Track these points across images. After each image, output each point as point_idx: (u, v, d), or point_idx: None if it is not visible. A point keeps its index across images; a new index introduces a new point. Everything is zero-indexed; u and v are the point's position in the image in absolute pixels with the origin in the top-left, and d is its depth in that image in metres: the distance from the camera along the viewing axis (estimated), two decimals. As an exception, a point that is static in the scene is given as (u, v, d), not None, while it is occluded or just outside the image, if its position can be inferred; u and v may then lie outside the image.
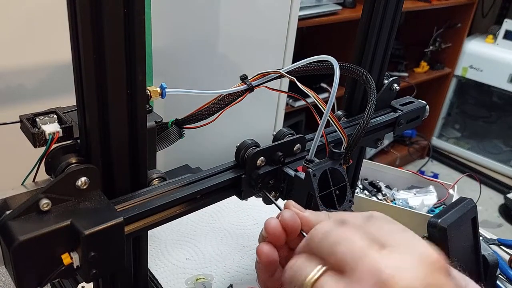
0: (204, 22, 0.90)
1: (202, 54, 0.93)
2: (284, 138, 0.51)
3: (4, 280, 0.67)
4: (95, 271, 0.36)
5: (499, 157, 2.58)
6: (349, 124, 0.59)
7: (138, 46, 0.36)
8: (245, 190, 0.49)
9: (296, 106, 1.70)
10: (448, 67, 2.51)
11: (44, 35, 0.70)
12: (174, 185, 0.44)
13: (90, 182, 0.37)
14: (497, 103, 2.56)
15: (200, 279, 0.69)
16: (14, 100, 0.71)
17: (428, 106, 0.68)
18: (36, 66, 0.72)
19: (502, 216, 2.33)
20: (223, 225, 0.83)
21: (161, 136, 0.51)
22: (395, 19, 0.60)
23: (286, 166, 0.50)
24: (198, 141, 1.00)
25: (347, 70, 0.57)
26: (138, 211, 0.40)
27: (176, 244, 0.77)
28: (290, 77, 0.51)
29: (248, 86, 0.51)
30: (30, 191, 0.39)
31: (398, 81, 0.64)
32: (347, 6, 1.78)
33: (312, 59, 0.50)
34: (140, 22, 0.35)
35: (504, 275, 0.77)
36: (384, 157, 2.48)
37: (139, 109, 0.39)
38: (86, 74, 0.35)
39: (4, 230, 0.33)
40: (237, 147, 0.48)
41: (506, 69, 2.33)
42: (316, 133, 0.47)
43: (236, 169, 0.48)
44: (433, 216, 0.68)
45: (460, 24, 2.39)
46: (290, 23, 1.04)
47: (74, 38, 0.34)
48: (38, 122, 0.41)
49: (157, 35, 0.80)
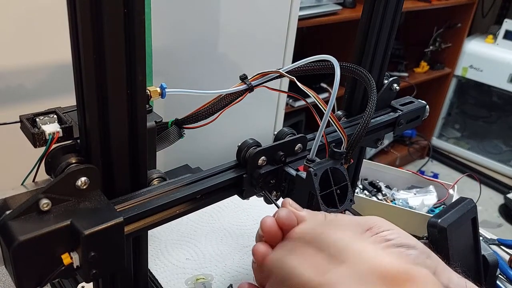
0: (204, 22, 0.90)
1: (202, 54, 0.93)
2: (285, 137, 0.51)
3: (4, 280, 0.67)
4: (95, 271, 0.36)
5: (499, 157, 2.58)
6: (349, 124, 0.59)
7: (138, 46, 0.36)
8: (246, 189, 0.49)
9: (296, 106, 1.70)
10: (448, 67, 2.51)
11: (44, 35, 0.70)
12: (174, 185, 0.44)
13: (90, 182, 0.37)
14: (497, 103, 2.56)
15: (200, 279, 0.69)
16: (14, 100, 0.71)
17: (428, 106, 0.68)
18: (36, 66, 0.72)
19: (502, 216, 2.33)
20: (223, 225, 0.83)
21: (161, 136, 0.51)
22: (395, 19, 0.60)
23: (287, 165, 0.50)
24: (198, 141, 1.00)
25: (348, 70, 0.57)
26: (138, 211, 0.40)
27: (176, 244, 0.77)
28: (290, 77, 0.51)
29: (248, 86, 0.51)
30: (30, 191, 0.39)
31: (398, 81, 0.64)
32: (347, 6, 1.78)
33: (312, 58, 0.50)
34: (140, 22, 0.35)
35: (504, 275, 0.76)
36: (384, 157, 2.48)
37: (139, 109, 0.39)
38: (86, 74, 0.35)
39: (4, 230, 0.33)
40: (238, 147, 0.48)
41: (506, 69, 2.33)
42: (317, 133, 0.47)
43: (238, 169, 0.48)
44: (433, 216, 0.68)
45: (460, 24, 2.39)
46: (290, 23, 1.04)
47: (74, 38, 0.34)
48: (38, 122, 0.41)
49: (157, 35, 0.80)
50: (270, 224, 0.38)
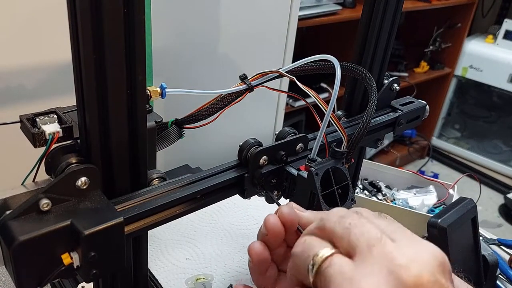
0: (204, 22, 0.90)
1: (202, 54, 0.93)
2: (287, 137, 0.51)
3: (4, 280, 0.67)
4: (95, 271, 0.36)
5: (499, 157, 2.58)
6: (349, 124, 0.59)
7: (138, 46, 0.36)
8: (248, 189, 0.49)
9: (296, 106, 1.70)
10: (448, 67, 2.51)
11: (44, 35, 0.70)
12: (174, 185, 0.44)
13: (90, 182, 0.37)
14: (497, 103, 2.56)
15: (200, 279, 0.69)
16: (14, 100, 0.71)
17: (428, 106, 0.68)
18: (36, 66, 0.72)
19: (502, 216, 2.33)
20: (223, 225, 0.83)
21: (161, 136, 0.51)
22: (395, 19, 0.60)
23: (288, 165, 0.50)
24: (198, 141, 1.00)
25: (348, 70, 0.57)
26: (138, 211, 0.40)
27: (176, 244, 0.77)
28: (289, 77, 0.51)
29: (248, 86, 0.51)
30: (30, 191, 0.39)
31: (398, 81, 0.64)
32: (347, 6, 1.78)
33: (312, 58, 0.50)
34: (140, 22, 0.35)
35: (504, 275, 0.77)
36: (384, 157, 2.48)
37: (139, 109, 0.39)
38: (86, 74, 0.35)
39: (4, 230, 0.33)
40: (240, 146, 0.48)
41: (506, 69, 2.33)
42: (318, 133, 0.47)
43: (239, 168, 0.48)
44: (433, 216, 0.68)
45: (460, 24, 2.39)
46: (290, 23, 1.04)
47: (74, 38, 0.34)
48: (38, 122, 0.41)
49: (157, 35, 0.80)
50: (274, 222, 0.38)
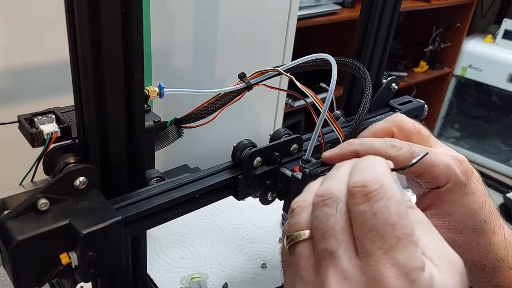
0: (203, 21, 0.90)
1: (202, 54, 0.93)
2: (281, 138, 0.51)
3: (3, 280, 0.67)
4: (94, 271, 0.36)
5: (499, 157, 2.58)
6: (347, 124, 0.59)
7: (136, 46, 0.36)
8: (241, 190, 0.48)
9: (295, 106, 1.70)
10: (447, 66, 2.51)
11: (42, 35, 0.70)
12: (173, 184, 0.44)
13: (88, 181, 0.37)
14: (497, 102, 2.56)
15: (195, 278, 0.69)
16: (12, 100, 0.71)
17: (428, 105, 0.68)
18: (34, 66, 0.72)
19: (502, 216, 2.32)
20: (218, 224, 0.83)
21: (159, 136, 0.51)
22: (393, 18, 0.60)
23: (283, 166, 0.49)
24: (197, 140, 1.00)
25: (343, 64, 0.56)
26: (137, 211, 0.40)
27: (171, 243, 0.77)
28: (288, 75, 0.51)
29: (246, 84, 0.51)
30: (28, 191, 0.39)
31: (396, 80, 0.64)
32: (346, 6, 1.78)
33: (309, 57, 0.50)
34: (138, 21, 0.35)
35: (503, 274, 0.76)
36: (383, 157, 2.47)
37: (137, 108, 0.39)
38: (84, 74, 0.35)
39: (2, 230, 0.33)
40: (233, 147, 0.48)
41: (505, 69, 2.33)
42: (313, 133, 0.47)
43: (233, 169, 0.48)
44: (432, 216, 0.68)
45: (459, 24, 2.39)
46: (289, 23, 1.04)
47: (72, 38, 0.34)
48: (36, 122, 0.41)
49: (157, 34, 0.80)
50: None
